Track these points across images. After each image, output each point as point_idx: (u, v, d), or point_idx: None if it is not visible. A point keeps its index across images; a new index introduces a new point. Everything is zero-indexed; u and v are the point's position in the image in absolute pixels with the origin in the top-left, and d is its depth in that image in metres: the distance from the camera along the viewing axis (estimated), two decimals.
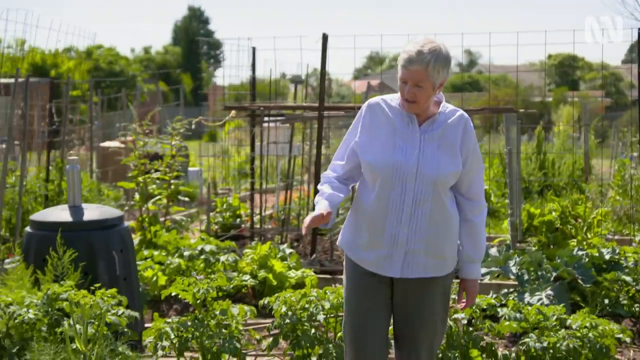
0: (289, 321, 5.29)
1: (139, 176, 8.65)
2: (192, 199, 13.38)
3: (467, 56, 72.37)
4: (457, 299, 4.16)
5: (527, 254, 7.40)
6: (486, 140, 19.63)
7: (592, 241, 7.71)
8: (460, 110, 3.96)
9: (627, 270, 6.98)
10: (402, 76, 3.79)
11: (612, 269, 6.98)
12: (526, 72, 19.71)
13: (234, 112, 9.29)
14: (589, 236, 8.06)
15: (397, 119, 3.89)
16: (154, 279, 7.32)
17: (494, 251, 7.60)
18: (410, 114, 3.87)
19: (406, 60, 3.75)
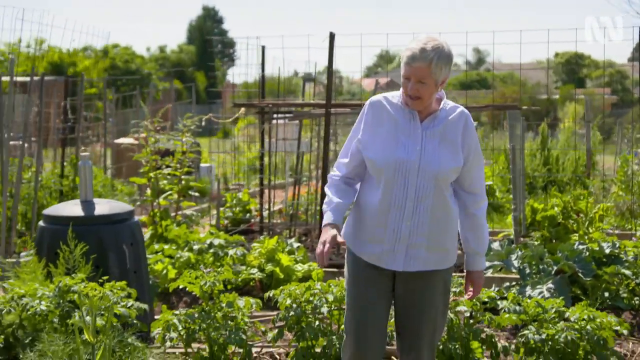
0: (294, 313, 5.31)
1: (150, 172, 8.68)
2: (204, 195, 13.40)
3: (475, 54, 72.20)
4: (464, 290, 4.17)
5: (529, 248, 7.39)
6: (492, 136, 19.61)
7: (593, 236, 7.69)
8: (460, 106, 3.97)
9: (627, 264, 6.96)
10: (405, 73, 3.80)
11: (612, 262, 6.96)
12: (532, 69, 19.61)
13: (243, 110, 9.31)
14: (591, 231, 8.04)
15: (399, 115, 3.90)
16: (164, 272, 7.34)
17: (496, 245, 7.59)
18: (412, 110, 3.87)
19: (409, 57, 3.76)
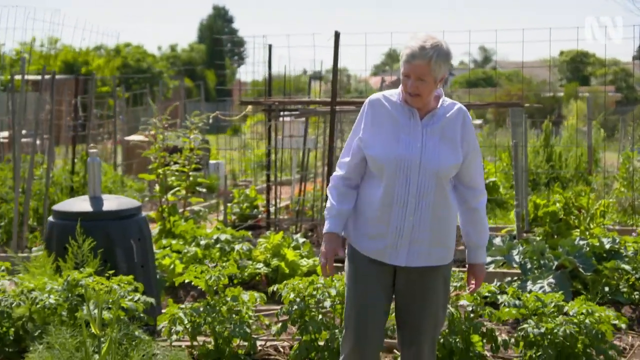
0: (297, 307, 5.32)
1: (159, 168, 8.69)
2: (212, 191, 13.42)
3: (481, 53, 72.07)
4: (466, 284, 4.18)
5: (530, 243, 7.38)
6: (497, 133, 19.58)
7: (594, 231, 7.68)
8: (458, 103, 3.98)
9: (627, 259, 6.95)
10: (405, 71, 3.80)
11: (612, 257, 6.95)
12: (536, 67, 19.57)
13: (249, 107, 9.31)
14: (592, 226, 8.03)
15: (398, 113, 3.90)
16: (172, 266, 7.36)
17: (498, 241, 7.59)
18: (411, 108, 3.87)
19: (409, 55, 3.77)
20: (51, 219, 6.18)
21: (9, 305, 5.40)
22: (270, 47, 10.30)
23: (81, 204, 6.16)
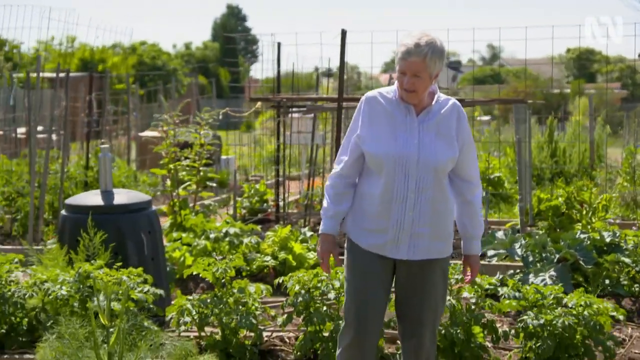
0: (302, 299, 5.32)
1: (170, 164, 8.72)
2: (224, 186, 13.45)
3: (489, 50, 71.86)
4: (462, 274, 4.19)
5: (533, 237, 7.37)
6: (503, 129, 19.53)
7: (595, 225, 7.66)
8: (452, 98, 3.99)
9: (627, 252, 6.93)
10: (401, 68, 3.81)
11: (613, 251, 6.93)
12: (542, 64, 19.50)
13: (259, 104, 9.32)
14: (593, 220, 8.01)
15: (395, 110, 3.90)
16: (182, 259, 7.38)
17: (500, 234, 7.58)
18: (407, 105, 3.88)
19: (404, 52, 3.78)
20: (64, 212, 6.21)
21: (22, 296, 5.44)
22: (279, 45, 10.32)
23: (93, 198, 6.19)
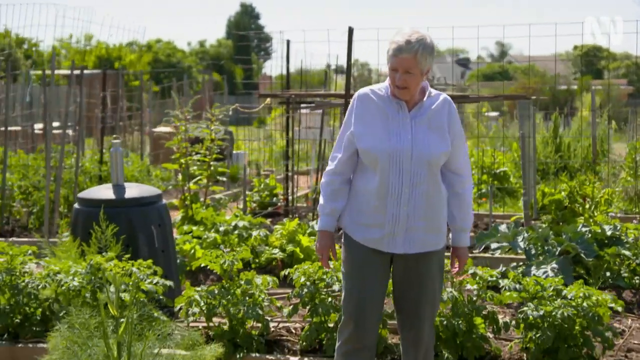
0: (308, 291, 5.33)
1: (181, 158, 8.74)
2: (235, 180, 13.47)
3: (498, 47, 71.62)
4: (450, 265, 4.20)
5: (535, 230, 7.36)
6: (511, 125, 19.47)
7: (597, 219, 7.64)
8: (443, 93, 4.00)
9: (627, 245, 6.92)
10: (392, 65, 3.81)
11: (614, 244, 6.91)
12: (547, 61, 19.45)
13: (268, 100, 9.33)
14: (595, 214, 7.99)
15: (387, 106, 3.91)
16: (192, 251, 7.41)
17: (503, 228, 7.57)
18: (399, 101, 3.88)
19: (396, 49, 3.78)
20: (76, 205, 6.24)
21: (36, 287, 5.48)
22: (288, 42, 10.34)
23: (104, 192, 6.21)
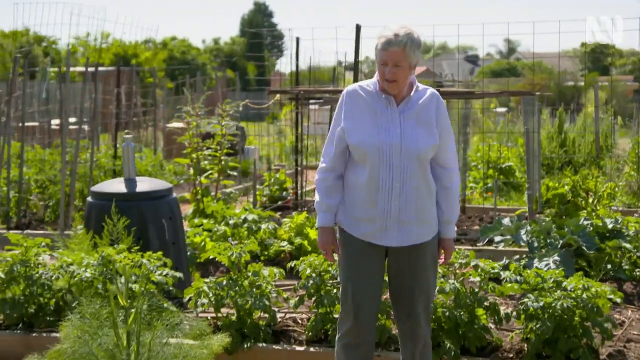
0: (313, 282, 5.35)
1: (192, 153, 8.77)
2: (247, 174, 13.50)
3: (506, 44, 71.41)
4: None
5: (538, 223, 7.35)
6: (515, 121, 19.42)
7: (599, 212, 7.62)
8: (430, 88, 4.01)
9: (628, 238, 6.90)
10: (382, 59, 3.82)
11: (615, 237, 6.89)
12: (553, 58, 19.41)
13: (278, 96, 9.33)
14: (598, 208, 7.96)
15: (375, 102, 3.91)
16: (202, 244, 7.43)
17: (506, 221, 7.56)
18: (387, 96, 3.89)
19: (385, 43, 3.79)
20: (90, 199, 6.28)
21: (49, 278, 5.52)
22: (297, 39, 10.34)
23: (117, 186, 6.25)
